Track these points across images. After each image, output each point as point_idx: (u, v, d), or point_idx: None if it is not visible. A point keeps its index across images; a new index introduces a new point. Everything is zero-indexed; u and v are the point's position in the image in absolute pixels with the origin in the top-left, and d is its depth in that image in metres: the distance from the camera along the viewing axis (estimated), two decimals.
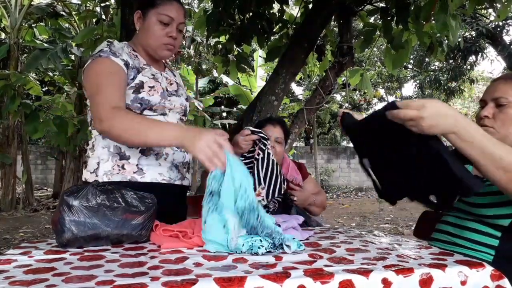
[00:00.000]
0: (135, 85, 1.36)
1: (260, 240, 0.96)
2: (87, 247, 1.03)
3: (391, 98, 17.48)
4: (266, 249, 0.94)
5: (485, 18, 8.83)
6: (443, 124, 0.92)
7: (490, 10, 8.14)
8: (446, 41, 3.14)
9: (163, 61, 1.55)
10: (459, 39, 2.83)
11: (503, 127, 1.19)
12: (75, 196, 1.03)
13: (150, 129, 1.19)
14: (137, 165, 1.36)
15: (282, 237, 1.01)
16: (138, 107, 1.35)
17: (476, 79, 13.76)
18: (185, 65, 9.64)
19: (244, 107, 8.03)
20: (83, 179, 1.38)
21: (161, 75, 1.46)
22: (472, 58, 9.77)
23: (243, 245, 0.95)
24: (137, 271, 0.79)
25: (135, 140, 1.22)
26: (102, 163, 1.36)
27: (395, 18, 2.75)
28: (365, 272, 0.77)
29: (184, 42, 9.84)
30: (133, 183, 1.32)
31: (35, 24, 7.51)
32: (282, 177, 1.59)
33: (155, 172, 1.37)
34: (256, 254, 0.93)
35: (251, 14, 3.17)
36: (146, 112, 1.37)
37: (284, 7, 3.34)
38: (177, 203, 1.45)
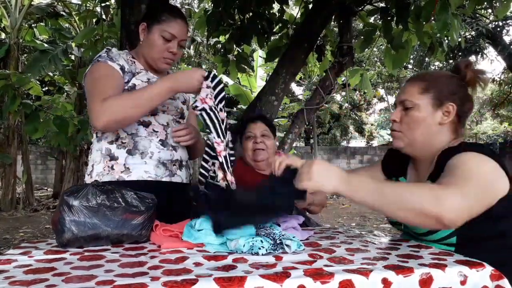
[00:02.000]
0: (128, 88, 1.43)
1: (261, 241, 0.96)
2: (87, 247, 1.03)
3: (391, 98, 17.48)
4: (267, 250, 0.94)
5: (485, 18, 8.84)
6: (326, 182, 0.97)
7: (490, 10, 8.14)
8: (446, 41, 3.13)
9: None
10: (459, 39, 2.83)
11: (409, 131, 1.17)
12: (75, 196, 1.03)
13: (142, 96, 1.31)
14: (124, 164, 1.43)
15: (283, 234, 1.01)
16: None
17: None
18: (185, 65, 9.64)
19: (244, 107, 8.02)
20: (85, 182, 1.43)
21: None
22: (472, 58, 9.77)
23: (244, 245, 0.95)
24: (137, 271, 0.79)
25: (135, 113, 1.32)
26: (95, 165, 1.45)
27: (395, 18, 2.75)
28: (365, 272, 0.78)
29: None
30: (120, 182, 1.37)
31: (35, 24, 7.50)
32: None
33: (141, 170, 1.43)
34: (257, 254, 0.93)
35: (251, 14, 3.17)
36: None
37: (284, 7, 3.34)
38: (171, 200, 1.45)
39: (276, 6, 3.32)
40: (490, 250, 0.93)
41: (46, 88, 9.72)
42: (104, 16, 4.78)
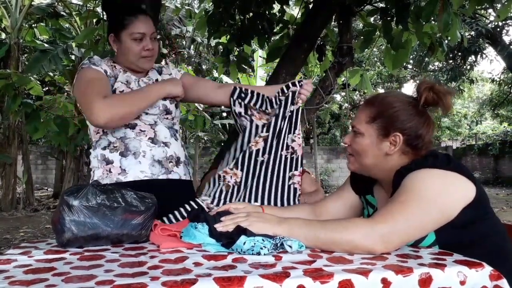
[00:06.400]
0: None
1: (263, 240, 0.96)
2: (87, 247, 1.03)
3: None
4: (268, 250, 0.94)
5: (484, 18, 8.84)
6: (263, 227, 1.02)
7: (490, 10, 8.14)
8: (446, 41, 3.13)
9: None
10: (459, 39, 2.83)
11: (357, 156, 1.17)
12: (75, 196, 1.03)
13: (138, 94, 1.43)
14: (120, 167, 1.47)
15: (282, 237, 1.01)
16: None
17: (476, 79, 13.79)
18: (185, 65, 9.65)
19: None
20: None
21: (138, 81, 1.55)
22: (471, 58, 9.78)
23: (244, 243, 0.95)
24: (137, 271, 0.80)
25: (134, 109, 1.40)
26: (96, 171, 1.50)
27: (395, 18, 2.75)
28: (365, 272, 0.78)
29: (184, 42, 9.87)
30: (118, 184, 1.39)
31: (35, 25, 7.51)
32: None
33: (136, 171, 1.46)
34: (258, 254, 0.93)
35: (251, 14, 3.17)
36: None
37: (285, 8, 3.34)
38: (170, 197, 1.43)
39: (276, 7, 3.32)
40: (476, 254, 0.93)
41: (47, 88, 9.72)
42: (105, 16, 4.77)
